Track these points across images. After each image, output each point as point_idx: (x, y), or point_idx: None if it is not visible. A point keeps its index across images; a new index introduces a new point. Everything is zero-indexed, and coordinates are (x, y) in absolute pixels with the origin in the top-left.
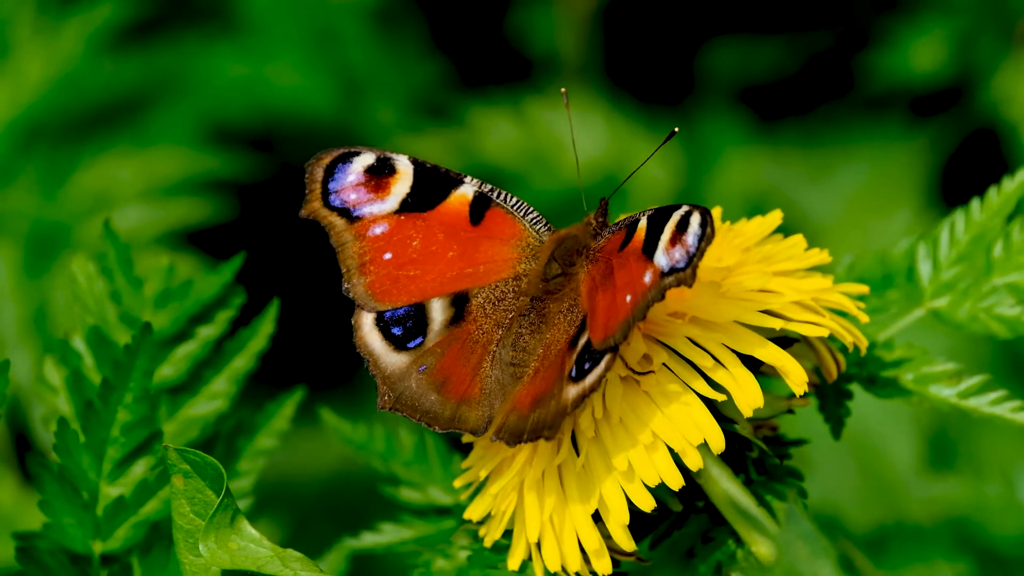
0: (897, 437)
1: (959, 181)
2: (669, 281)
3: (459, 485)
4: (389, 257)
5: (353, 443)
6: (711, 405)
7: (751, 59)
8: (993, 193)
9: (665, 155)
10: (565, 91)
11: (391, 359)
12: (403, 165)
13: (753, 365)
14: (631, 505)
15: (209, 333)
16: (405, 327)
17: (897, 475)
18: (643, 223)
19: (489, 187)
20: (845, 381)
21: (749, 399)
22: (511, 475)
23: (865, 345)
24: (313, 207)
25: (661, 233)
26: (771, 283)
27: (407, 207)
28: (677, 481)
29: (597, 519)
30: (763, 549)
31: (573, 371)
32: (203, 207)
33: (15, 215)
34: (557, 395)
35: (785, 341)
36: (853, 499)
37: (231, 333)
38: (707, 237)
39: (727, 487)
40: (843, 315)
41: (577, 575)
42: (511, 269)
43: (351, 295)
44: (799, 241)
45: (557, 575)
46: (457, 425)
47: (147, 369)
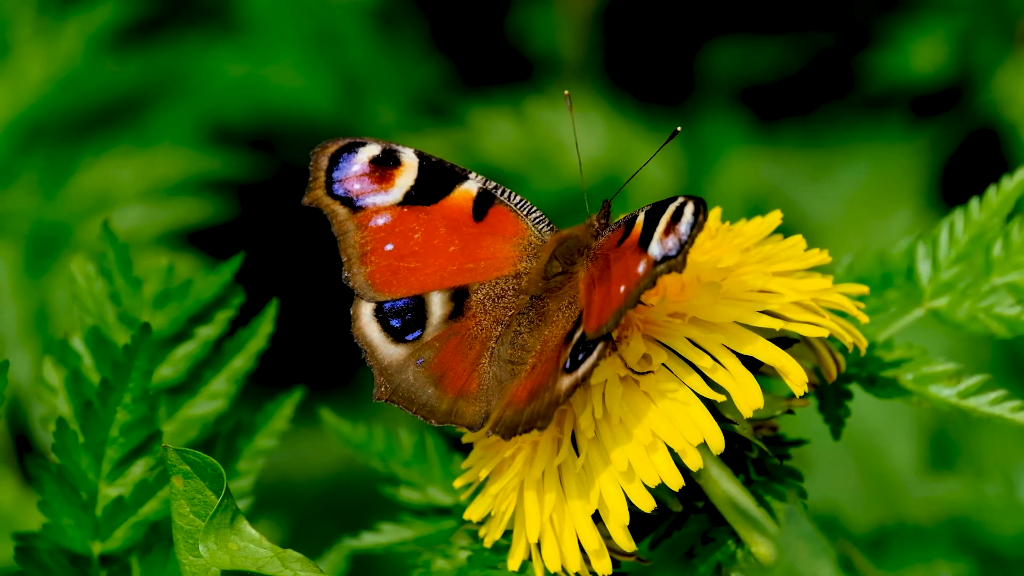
0: (897, 437)
1: (959, 181)
2: (660, 268)
3: (459, 485)
4: (390, 248)
5: (353, 443)
6: (711, 405)
7: (751, 59)
8: (992, 193)
9: (665, 155)
10: (568, 94)
11: (389, 351)
12: (408, 158)
13: (753, 365)
14: (631, 505)
15: (208, 333)
16: (404, 319)
17: (897, 475)
18: (641, 218)
19: (493, 184)
20: (845, 381)
21: (749, 399)
22: (511, 475)
23: (865, 345)
24: (316, 195)
25: (657, 225)
26: (771, 283)
27: (410, 200)
28: (677, 481)
29: (597, 519)
30: (763, 549)
31: (567, 363)
32: (203, 207)
33: (15, 215)
34: (551, 387)
35: (785, 341)
36: (853, 499)
37: (230, 333)
38: (699, 224)
39: (727, 487)
40: (843, 315)
41: (577, 575)
42: (512, 267)
43: (351, 284)
44: (799, 241)
45: (557, 575)
46: (454, 419)
47: (146, 369)
